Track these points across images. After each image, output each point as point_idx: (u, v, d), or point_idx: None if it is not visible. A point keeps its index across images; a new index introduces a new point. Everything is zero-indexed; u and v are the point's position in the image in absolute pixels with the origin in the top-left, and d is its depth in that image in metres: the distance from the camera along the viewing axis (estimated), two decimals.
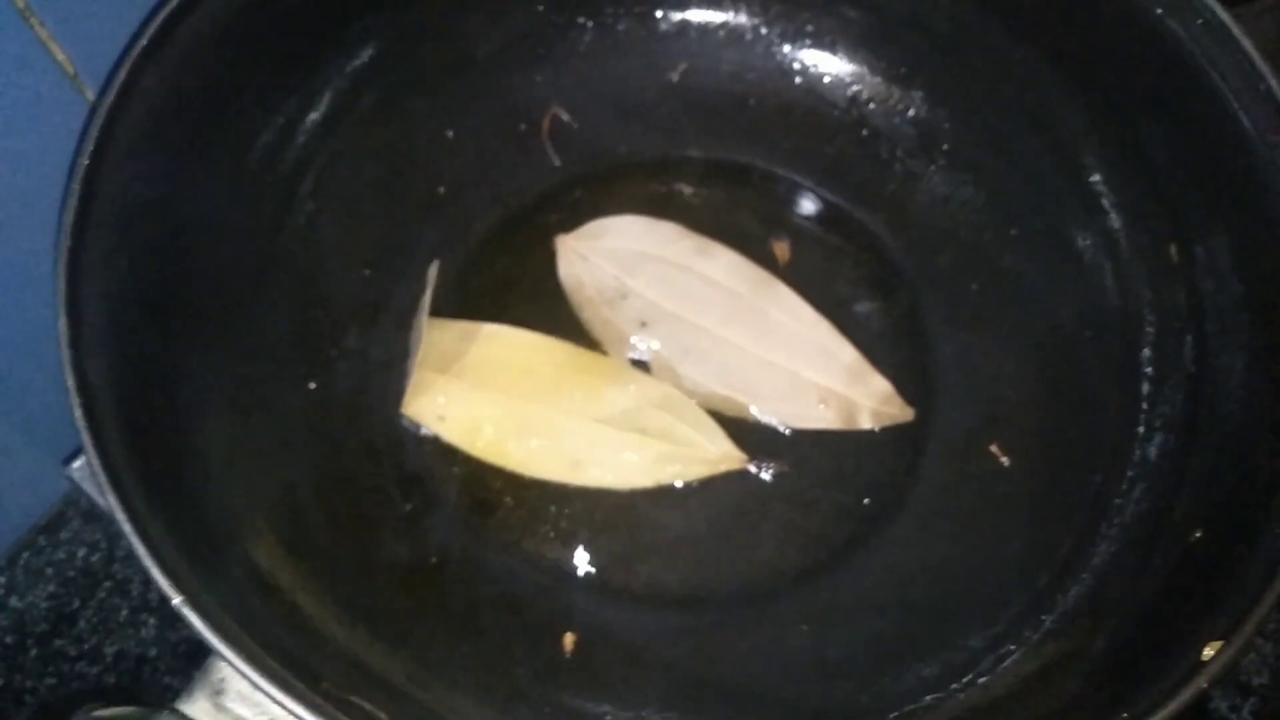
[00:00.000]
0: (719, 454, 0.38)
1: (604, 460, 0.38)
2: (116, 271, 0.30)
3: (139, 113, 0.31)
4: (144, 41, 0.32)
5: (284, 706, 0.21)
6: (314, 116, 0.38)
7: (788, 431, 0.39)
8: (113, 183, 0.30)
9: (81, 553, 0.53)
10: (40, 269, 0.43)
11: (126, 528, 0.24)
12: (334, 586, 0.32)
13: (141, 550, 0.23)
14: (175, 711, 0.23)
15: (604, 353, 0.41)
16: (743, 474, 0.39)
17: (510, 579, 0.36)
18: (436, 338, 0.39)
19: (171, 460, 0.29)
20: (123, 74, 0.32)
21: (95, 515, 0.53)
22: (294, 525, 0.33)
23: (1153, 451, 0.35)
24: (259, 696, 0.24)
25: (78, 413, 0.25)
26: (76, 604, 0.51)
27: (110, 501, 0.24)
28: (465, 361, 0.39)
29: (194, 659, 0.52)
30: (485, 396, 0.39)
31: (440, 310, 0.41)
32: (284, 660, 0.22)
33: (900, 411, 0.39)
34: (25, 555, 0.52)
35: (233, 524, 0.30)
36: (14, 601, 0.51)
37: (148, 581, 0.53)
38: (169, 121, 0.32)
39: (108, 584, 0.52)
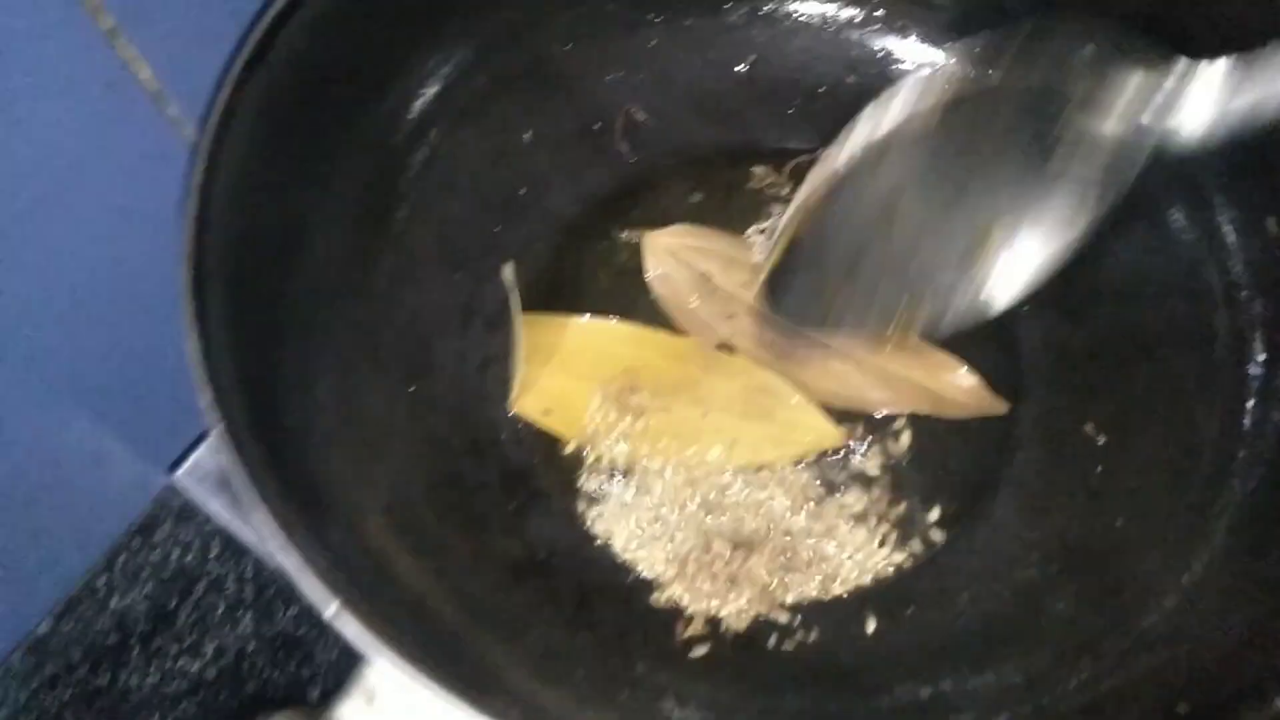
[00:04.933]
0: (819, 433, 0.39)
1: (710, 444, 0.39)
2: (232, 291, 0.31)
3: (242, 132, 0.32)
4: (242, 60, 0.33)
5: (450, 704, 0.22)
6: (410, 117, 0.39)
7: (879, 416, 0.40)
8: (224, 199, 0.31)
9: (176, 553, 0.54)
10: (143, 283, 0.45)
11: (279, 539, 0.25)
12: (453, 585, 0.33)
13: (296, 562, 0.24)
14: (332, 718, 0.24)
15: None
16: (842, 461, 0.39)
17: (619, 570, 0.37)
18: (532, 334, 0.40)
19: (301, 470, 0.30)
20: (225, 94, 0.32)
21: (187, 516, 0.55)
22: (410, 525, 0.34)
23: (1268, 429, 0.35)
24: (411, 699, 0.25)
25: (219, 428, 0.26)
26: (175, 602, 0.53)
27: (261, 517, 0.25)
28: (564, 355, 0.40)
29: (290, 651, 0.54)
30: (588, 387, 0.39)
31: (527, 308, 0.41)
32: (441, 662, 0.23)
33: (992, 404, 0.40)
34: (122, 557, 0.54)
35: (359, 529, 0.32)
36: (115, 602, 0.53)
37: (242, 579, 0.55)
38: (273, 135, 0.33)
39: (203, 582, 0.54)
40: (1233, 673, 0.28)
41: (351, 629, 0.23)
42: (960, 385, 0.39)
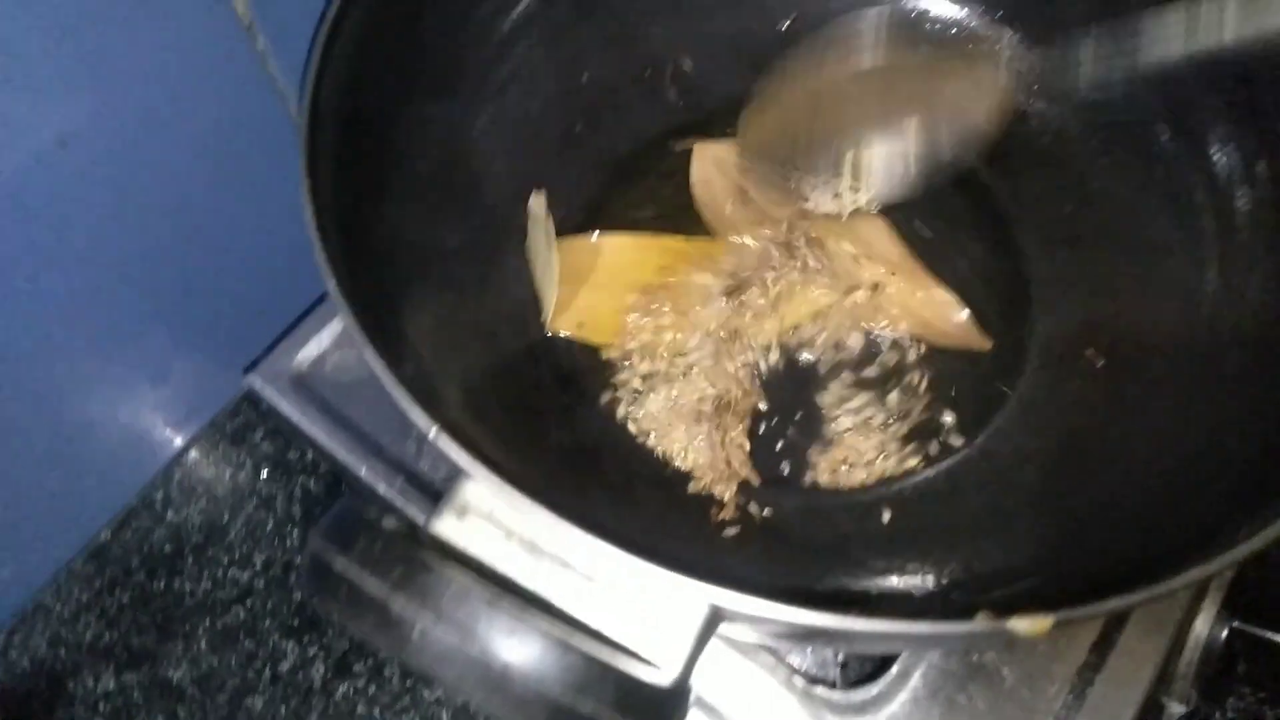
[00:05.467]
0: None
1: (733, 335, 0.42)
2: (336, 182, 0.34)
3: (350, 37, 0.36)
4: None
5: (534, 515, 0.26)
6: (500, 32, 0.43)
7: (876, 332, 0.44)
8: (332, 99, 0.34)
9: (229, 473, 0.58)
10: (223, 199, 0.49)
11: (384, 376, 0.28)
12: (512, 461, 0.37)
13: (398, 390, 0.28)
14: (429, 531, 0.28)
15: None
16: (862, 368, 0.43)
17: (658, 462, 0.40)
18: (567, 254, 0.43)
19: (393, 336, 0.34)
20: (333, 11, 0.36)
21: (239, 440, 0.59)
22: (477, 410, 0.37)
23: (1244, 339, 0.38)
24: (498, 514, 0.28)
25: (332, 284, 0.30)
26: (226, 518, 0.57)
27: (369, 355, 0.28)
28: (597, 272, 0.44)
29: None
30: (618, 298, 0.43)
31: (574, 232, 0.45)
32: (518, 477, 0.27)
33: (978, 340, 0.43)
34: (178, 474, 0.58)
35: (440, 401, 0.35)
36: (170, 515, 0.57)
37: (291, 498, 0.58)
38: (377, 38, 0.37)
39: (254, 500, 0.57)
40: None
41: (451, 447, 0.27)
42: (953, 319, 0.43)
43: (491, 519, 0.28)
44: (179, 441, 0.59)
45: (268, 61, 0.47)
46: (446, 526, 0.28)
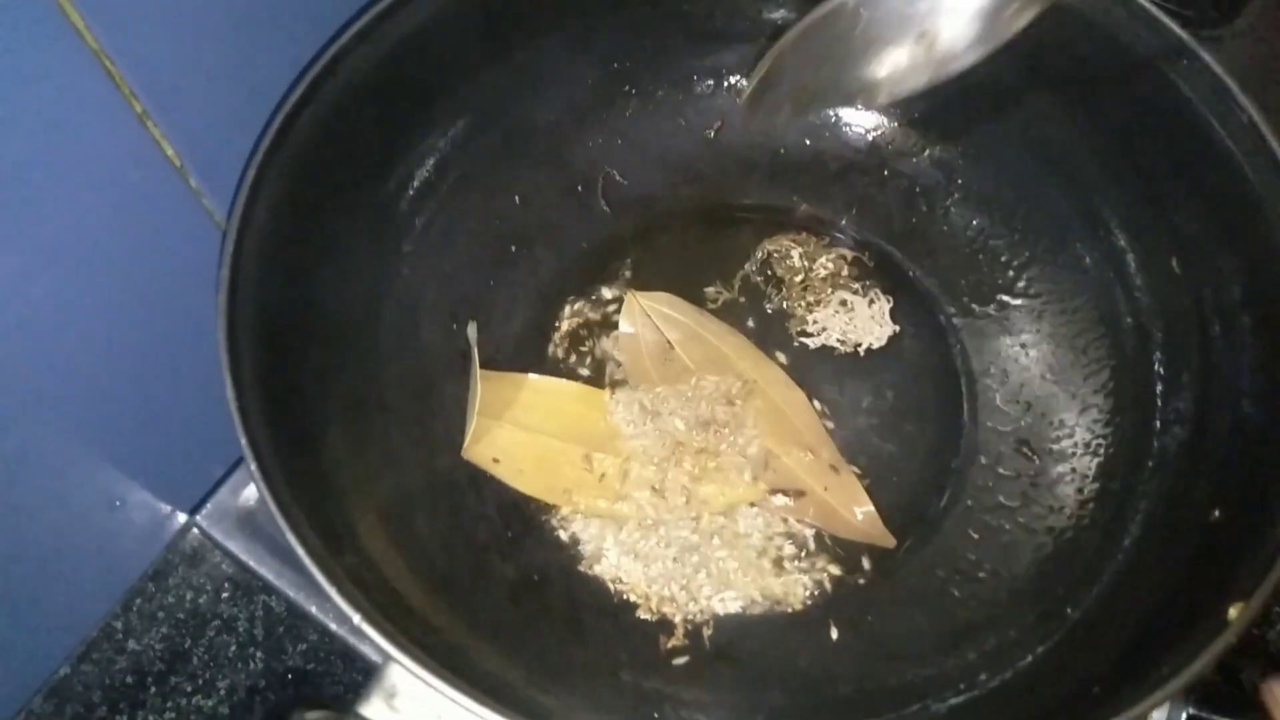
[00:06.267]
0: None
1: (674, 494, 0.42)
2: (259, 345, 0.35)
3: (265, 210, 0.36)
4: (266, 143, 0.37)
5: (463, 705, 0.26)
6: (411, 189, 0.43)
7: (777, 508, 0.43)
8: (251, 266, 0.35)
9: (189, 596, 0.57)
10: (166, 339, 0.49)
11: (307, 561, 0.28)
12: (456, 603, 0.37)
13: (322, 579, 0.28)
14: (358, 715, 0.28)
15: None
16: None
17: (606, 590, 0.40)
18: (490, 388, 0.43)
19: (321, 503, 0.34)
20: (249, 179, 0.37)
21: (199, 561, 0.58)
22: (418, 553, 0.37)
23: (1170, 444, 0.39)
24: (428, 698, 0.28)
25: (253, 467, 0.30)
26: (188, 643, 0.56)
27: (291, 541, 0.28)
28: (516, 409, 0.43)
29: (300, 686, 0.56)
30: (533, 439, 0.43)
31: (517, 357, 0.46)
32: (454, 667, 0.27)
33: (882, 536, 0.42)
34: (138, 601, 0.57)
35: (372, 555, 0.35)
36: (131, 645, 0.56)
37: (253, 619, 0.57)
38: (292, 210, 0.37)
39: (215, 623, 0.57)
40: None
41: (372, 635, 0.27)
42: (859, 514, 0.42)
43: (420, 701, 0.28)
44: (137, 568, 0.58)
45: (203, 199, 0.48)
46: (375, 712, 0.28)
